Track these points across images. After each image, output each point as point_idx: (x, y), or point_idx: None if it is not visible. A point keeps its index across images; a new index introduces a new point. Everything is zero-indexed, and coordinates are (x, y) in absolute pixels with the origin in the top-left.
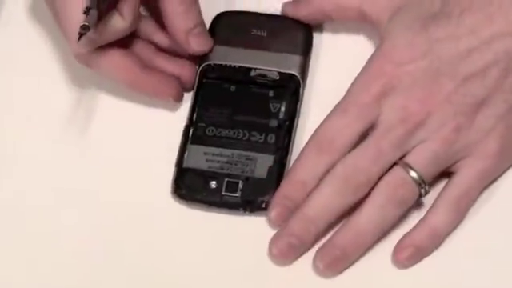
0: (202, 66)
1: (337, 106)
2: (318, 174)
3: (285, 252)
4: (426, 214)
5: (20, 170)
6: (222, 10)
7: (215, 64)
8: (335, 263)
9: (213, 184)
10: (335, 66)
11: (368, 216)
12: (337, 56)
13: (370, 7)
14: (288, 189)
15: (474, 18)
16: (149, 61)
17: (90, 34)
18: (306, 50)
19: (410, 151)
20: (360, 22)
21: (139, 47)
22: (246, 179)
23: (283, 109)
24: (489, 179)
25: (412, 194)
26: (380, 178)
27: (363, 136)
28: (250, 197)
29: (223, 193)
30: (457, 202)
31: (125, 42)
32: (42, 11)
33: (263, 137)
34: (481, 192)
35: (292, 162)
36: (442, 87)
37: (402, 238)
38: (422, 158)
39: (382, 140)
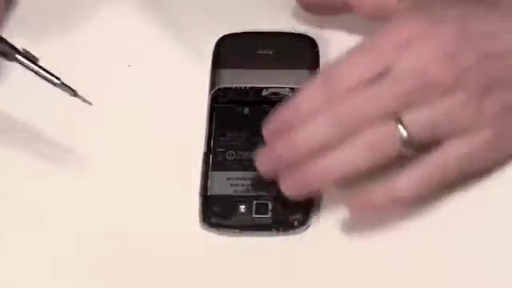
0: (212, 91)
1: (359, 44)
2: (316, 104)
3: (265, 167)
4: (395, 177)
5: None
6: (224, 34)
7: (225, 88)
8: (297, 187)
9: (242, 208)
10: None
11: (342, 155)
12: None
13: None
14: (285, 113)
15: (503, 10)
16: None
17: None
18: (314, 64)
19: (409, 110)
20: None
21: None
22: (275, 199)
23: None
24: (469, 167)
25: (394, 152)
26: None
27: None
28: (281, 216)
29: (254, 215)
30: (429, 174)
31: None
32: None
33: None
34: (457, 178)
35: None
36: (464, 56)
37: (363, 192)
38: (418, 121)
39: (386, 88)
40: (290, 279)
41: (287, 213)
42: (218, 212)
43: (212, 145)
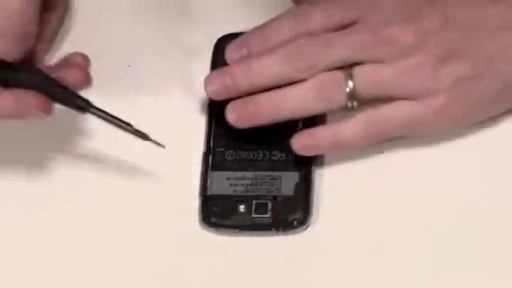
0: None
1: None
2: (282, 37)
3: (216, 87)
4: (342, 121)
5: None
6: (224, 33)
7: None
8: (245, 118)
9: (241, 208)
10: None
11: (292, 95)
12: None
13: None
14: (251, 38)
15: None
16: None
17: None
18: None
19: (362, 64)
20: None
21: None
22: (274, 199)
23: (300, 125)
24: (414, 129)
25: (340, 102)
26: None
27: None
28: (281, 216)
29: (253, 215)
30: (372, 125)
31: None
32: None
33: (284, 155)
34: (399, 136)
35: (316, 175)
36: (428, 19)
37: (308, 131)
38: (367, 78)
39: (345, 38)
40: (290, 279)
41: (287, 212)
42: (217, 212)
43: (211, 145)
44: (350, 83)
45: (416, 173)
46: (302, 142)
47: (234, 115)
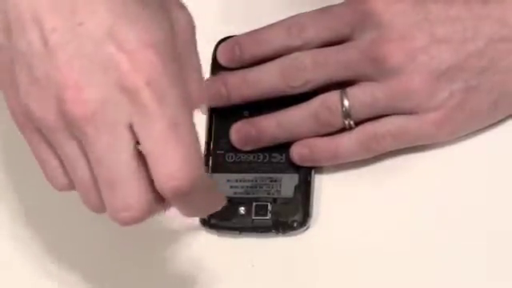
0: None
1: (332, 5)
2: (274, 45)
3: (210, 95)
4: (341, 134)
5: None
6: (223, 36)
7: None
8: (246, 140)
9: (241, 210)
10: None
11: (291, 120)
12: None
13: None
14: (245, 38)
15: None
16: None
17: None
18: None
19: (356, 83)
20: None
21: None
22: (274, 201)
23: None
24: (412, 143)
25: (335, 123)
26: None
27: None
28: (281, 218)
29: (253, 217)
30: (370, 138)
31: None
32: None
33: (284, 157)
34: (395, 148)
35: (316, 177)
36: (416, 39)
37: (307, 142)
38: (361, 97)
39: (334, 55)
40: (290, 280)
41: (286, 214)
42: (217, 214)
43: (211, 147)
44: (346, 103)
45: (415, 175)
46: (301, 154)
47: (237, 138)
